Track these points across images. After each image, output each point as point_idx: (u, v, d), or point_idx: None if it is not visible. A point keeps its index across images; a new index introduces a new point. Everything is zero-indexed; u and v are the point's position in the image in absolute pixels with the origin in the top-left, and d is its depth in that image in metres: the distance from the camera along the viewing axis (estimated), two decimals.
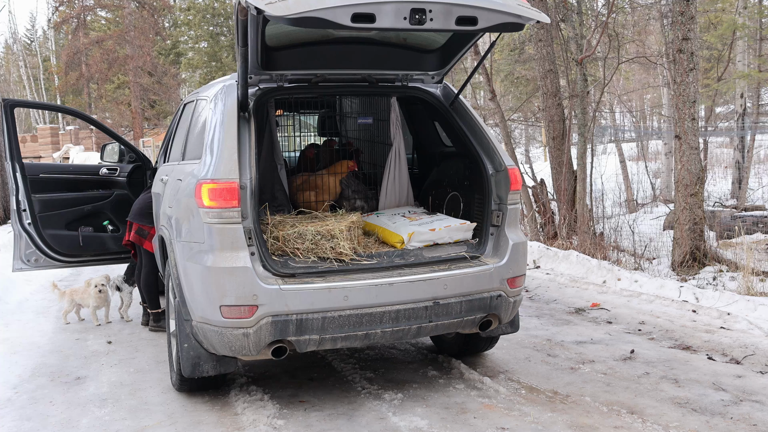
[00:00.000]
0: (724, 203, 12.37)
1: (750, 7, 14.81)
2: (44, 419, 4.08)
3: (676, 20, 7.54)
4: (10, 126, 5.77)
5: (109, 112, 33.02)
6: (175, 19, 33.77)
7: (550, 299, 6.80)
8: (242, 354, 3.77)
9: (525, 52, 17.68)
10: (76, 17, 32.85)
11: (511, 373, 4.62)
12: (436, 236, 4.35)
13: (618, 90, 20.02)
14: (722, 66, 15.20)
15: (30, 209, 5.81)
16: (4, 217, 14.66)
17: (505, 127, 11.40)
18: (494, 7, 3.36)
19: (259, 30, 3.75)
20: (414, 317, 3.88)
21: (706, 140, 14.37)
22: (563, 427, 3.74)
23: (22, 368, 5.01)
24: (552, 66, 9.91)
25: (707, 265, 7.46)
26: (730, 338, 5.23)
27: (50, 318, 6.53)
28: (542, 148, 25.01)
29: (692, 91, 7.48)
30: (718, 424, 3.74)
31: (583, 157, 9.46)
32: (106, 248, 6.19)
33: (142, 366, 5.00)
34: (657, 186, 14.87)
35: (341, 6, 3.12)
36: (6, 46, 47.74)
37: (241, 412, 4.03)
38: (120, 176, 6.34)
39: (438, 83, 4.78)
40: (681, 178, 7.57)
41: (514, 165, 4.36)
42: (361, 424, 3.84)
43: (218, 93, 4.25)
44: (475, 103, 18.48)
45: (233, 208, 3.69)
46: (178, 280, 4.07)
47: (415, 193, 5.23)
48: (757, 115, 15.41)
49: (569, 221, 9.40)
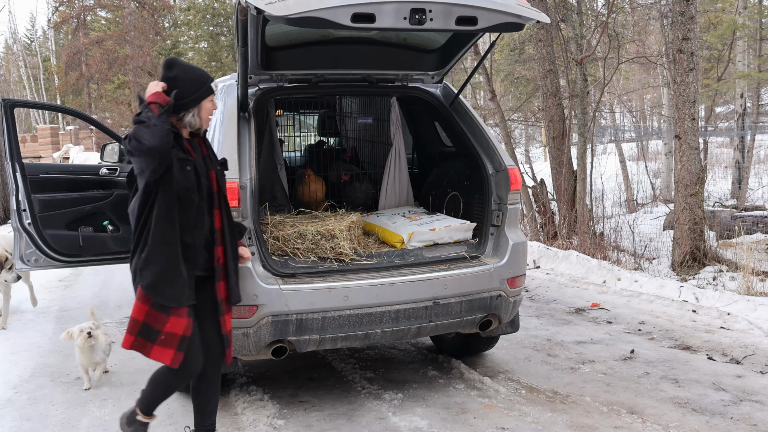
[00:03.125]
0: (724, 203, 12.37)
1: (750, 7, 14.82)
2: (44, 419, 4.08)
3: (676, 20, 7.54)
4: (10, 126, 5.76)
5: (109, 112, 32.98)
6: (175, 19, 33.74)
7: (550, 299, 6.80)
8: (242, 354, 3.77)
9: (525, 52, 17.68)
10: (76, 17, 32.83)
11: (511, 373, 4.62)
12: (436, 236, 4.35)
13: (618, 90, 20.02)
14: (722, 66, 15.20)
15: (30, 209, 5.79)
16: (4, 217, 14.67)
17: (505, 127, 11.40)
18: (494, 7, 3.36)
19: (259, 30, 3.75)
20: (414, 317, 3.88)
21: (706, 140, 14.36)
22: (563, 427, 3.74)
23: (22, 368, 5.01)
24: (552, 66, 9.91)
25: (707, 265, 7.46)
26: (730, 338, 5.23)
27: (50, 318, 6.53)
28: (542, 148, 25.01)
29: (692, 91, 7.48)
30: (718, 424, 3.74)
31: (583, 157, 9.46)
32: (106, 248, 6.17)
33: (142, 366, 4.99)
34: (657, 186, 14.87)
35: (341, 6, 3.12)
36: (6, 46, 47.74)
37: (241, 412, 4.03)
38: (120, 176, 6.33)
39: (438, 83, 4.78)
40: (681, 178, 7.57)
41: (514, 165, 4.35)
42: (361, 424, 3.84)
43: (218, 93, 4.24)
44: (475, 103, 18.48)
45: (233, 208, 3.69)
46: None
47: (415, 193, 5.23)
48: (757, 115, 15.41)
49: (569, 221, 9.40)
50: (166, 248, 3.06)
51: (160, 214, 3.04)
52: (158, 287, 3.06)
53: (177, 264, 3.08)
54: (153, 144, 2.86)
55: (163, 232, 3.05)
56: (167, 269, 3.06)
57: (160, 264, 3.06)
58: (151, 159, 2.92)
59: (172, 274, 3.07)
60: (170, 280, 3.07)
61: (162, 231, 3.05)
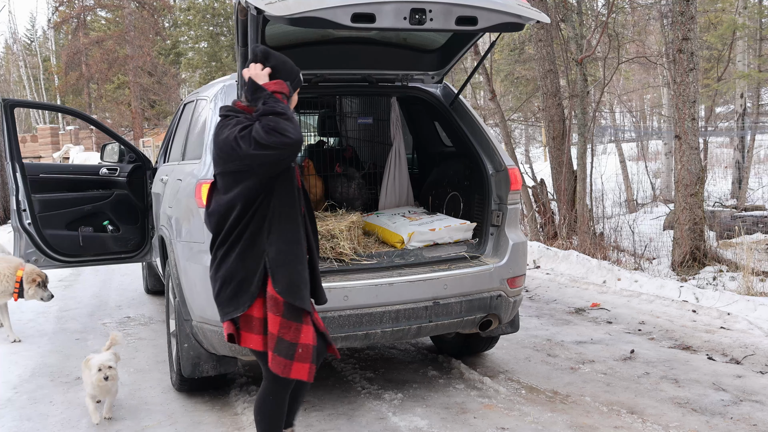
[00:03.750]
0: (724, 203, 12.36)
1: (750, 7, 14.82)
2: (44, 419, 4.07)
3: (676, 20, 7.54)
4: (10, 126, 5.76)
5: (109, 112, 32.99)
6: (175, 19, 33.74)
7: (550, 299, 6.80)
8: (242, 354, 3.77)
9: (525, 52, 17.68)
10: (76, 17, 32.84)
11: (511, 373, 4.62)
12: (436, 236, 4.35)
13: (618, 90, 20.02)
14: (722, 66, 15.20)
15: (30, 209, 5.80)
16: (4, 217, 14.67)
17: (505, 127, 11.40)
18: (494, 7, 3.37)
19: (259, 30, 3.74)
20: (414, 317, 3.88)
21: (706, 140, 14.36)
22: (563, 427, 3.74)
23: (22, 368, 5.01)
24: (552, 66, 9.91)
25: (707, 265, 7.46)
26: (730, 338, 5.23)
27: (50, 318, 6.53)
28: (542, 148, 25.01)
29: (692, 91, 7.48)
30: (718, 424, 3.74)
31: (583, 157, 9.46)
32: (106, 248, 6.18)
33: (142, 366, 5.00)
34: (657, 186, 14.86)
35: (341, 6, 3.12)
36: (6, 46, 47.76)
37: (241, 412, 4.03)
38: (120, 176, 6.34)
39: (438, 83, 4.78)
40: (681, 178, 7.57)
41: (514, 165, 4.36)
42: (361, 424, 3.84)
43: (218, 93, 4.25)
44: (475, 103, 18.48)
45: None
46: (178, 280, 4.07)
47: (415, 193, 5.23)
48: (757, 115, 15.41)
49: (569, 221, 9.40)
50: (294, 246, 2.82)
51: (283, 212, 2.78)
52: (297, 290, 2.80)
53: (304, 263, 2.86)
54: (299, 137, 2.63)
55: (289, 230, 2.80)
56: (301, 270, 2.83)
57: (292, 264, 2.80)
58: (291, 153, 2.66)
59: (304, 275, 2.85)
60: (305, 281, 2.84)
61: (288, 229, 2.80)
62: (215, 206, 2.83)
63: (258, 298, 2.80)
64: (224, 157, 2.73)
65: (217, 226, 2.83)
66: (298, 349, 2.78)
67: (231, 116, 2.81)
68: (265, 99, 2.70)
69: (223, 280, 2.82)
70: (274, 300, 2.77)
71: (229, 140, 2.68)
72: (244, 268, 2.78)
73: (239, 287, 2.79)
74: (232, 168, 2.72)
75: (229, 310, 2.83)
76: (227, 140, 2.69)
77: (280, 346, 2.77)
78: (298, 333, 2.79)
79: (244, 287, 2.79)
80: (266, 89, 2.73)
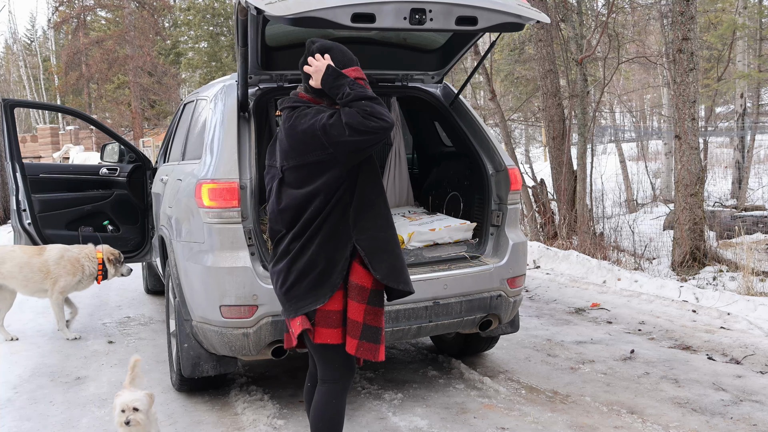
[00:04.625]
0: (724, 203, 12.37)
1: (750, 7, 14.82)
2: (44, 419, 4.07)
3: (676, 20, 7.54)
4: (10, 126, 5.77)
5: (109, 112, 33.00)
6: (175, 19, 33.74)
7: (550, 299, 6.80)
8: (242, 354, 3.77)
9: (525, 52, 17.67)
10: (76, 17, 32.85)
11: (511, 373, 4.62)
12: (436, 236, 4.35)
13: (618, 90, 20.02)
14: (722, 66, 15.19)
15: (30, 209, 5.80)
16: (4, 217, 14.67)
17: (505, 127, 11.40)
18: (494, 7, 3.36)
19: (259, 30, 3.75)
20: (414, 317, 3.88)
21: (706, 140, 14.36)
22: (563, 427, 3.74)
23: (22, 368, 5.01)
24: (552, 66, 9.91)
25: (707, 265, 7.46)
26: (730, 338, 5.23)
27: (50, 318, 6.52)
28: (542, 148, 25.01)
29: (692, 91, 7.48)
30: (718, 424, 3.74)
31: (583, 157, 9.46)
32: None
33: (142, 366, 4.96)
34: (657, 186, 14.86)
35: (341, 6, 3.12)
36: (6, 46, 47.78)
37: (241, 412, 4.03)
38: (120, 176, 6.34)
39: (438, 83, 4.78)
40: (681, 178, 7.57)
41: (514, 165, 4.36)
42: (361, 424, 3.84)
43: (218, 93, 4.25)
44: (475, 103, 18.48)
45: (233, 208, 3.69)
46: (178, 280, 4.07)
47: (415, 193, 5.23)
48: (757, 115, 15.40)
49: (569, 221, 9.40)
50: (389, 231, 2.77)
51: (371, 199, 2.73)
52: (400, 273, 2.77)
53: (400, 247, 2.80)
54: (393, 120, 2.59)
55: (381, 215, 2.76)
56: (399, 253, 2.78)
57: (391, 248, 2.75)
58: (384, 136, 2.62)
59: (403, 258, 2.80)
60: (405, 264, 2.81)
61: (380, 215, 2.75)
62: (289, 201, 2.74)
63: (338, 290, 2.75)
64: (303, 149, 2.66)
65: (291, 221, 2.75)
66: (382, 332, 2.80)
67: (300, 107, 2.76)
68: (350, 85, 2.63)
69: (300, 273, 2.71)
70: (359, 288, 2.73)
71: (314, 129, 2.61)
72: (325, 259, 2.70)
73: (319, 279, 2.71)
74: (312, 159, 2.65)
75: (306, 303, 2.72)
76: (312, 129, 2.62)
77: (368, 332, 2.74)
78: (380, 318, 2.79)
79: (324, 278, 2.71)
80: (348, 76, 2.67)
